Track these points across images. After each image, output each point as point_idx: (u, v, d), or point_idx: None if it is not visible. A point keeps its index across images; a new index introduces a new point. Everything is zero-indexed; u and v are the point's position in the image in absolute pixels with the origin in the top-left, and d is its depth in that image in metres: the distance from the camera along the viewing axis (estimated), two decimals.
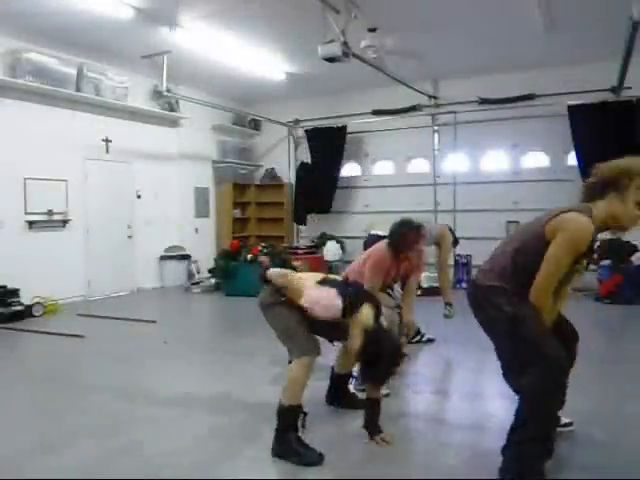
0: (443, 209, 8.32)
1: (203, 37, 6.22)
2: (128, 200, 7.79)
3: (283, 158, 9.79)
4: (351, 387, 3.29)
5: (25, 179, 6.35)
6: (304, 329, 2.65)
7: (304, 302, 2.60)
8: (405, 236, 3.56)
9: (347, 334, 2.58)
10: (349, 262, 4.98)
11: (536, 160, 7.89)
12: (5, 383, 3.78)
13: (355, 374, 3.24)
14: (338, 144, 8.83)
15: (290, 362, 2.66)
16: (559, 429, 2.50)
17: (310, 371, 2.59)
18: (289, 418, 2.56)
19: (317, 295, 2.59)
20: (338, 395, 3.16)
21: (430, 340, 4.68)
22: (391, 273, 3.69)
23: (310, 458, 2.47)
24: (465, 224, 7.95)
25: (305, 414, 2.65)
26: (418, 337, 4.59)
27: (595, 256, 2.23)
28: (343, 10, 5.09)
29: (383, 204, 8.57)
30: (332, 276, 2.89)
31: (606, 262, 6.65)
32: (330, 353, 3.13)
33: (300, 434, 2.57)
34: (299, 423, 2.60)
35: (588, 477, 2.32)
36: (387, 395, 3.69)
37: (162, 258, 8.29)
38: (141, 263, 7.94)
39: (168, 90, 7.47)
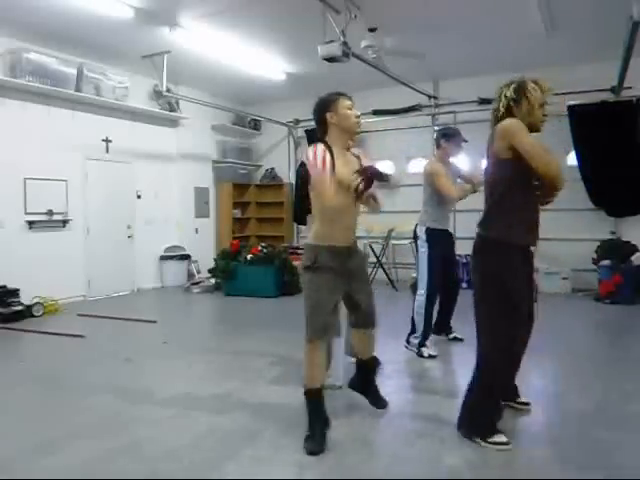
0: None
1: (203, 37, 6.21)
2: (128, 200, 7.79)
3: (283, 158, 9.79)
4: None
5: (25, 179, 6.35)
6: (329, 304, 2.67)
7: None
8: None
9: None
10: None
11: None
12: (5, 383, 3.78)
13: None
14: None
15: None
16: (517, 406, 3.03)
17: (322, 353, 2.68)
18: (308, 401, 2.69)
19: None
20: (362, 383, 3.08)
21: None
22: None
23: (309, 446, 2.58)
24: (465, 224, 7.92)
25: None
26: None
27: None
28: (343, 10, 5.08)
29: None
30: None
31: (606, 262, 6.65)
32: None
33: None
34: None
35: (589, 477, 2.32)
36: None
37: (162, 258, 8.30)
38: (141, 263, 7.94)
39: (168, 90, 7.47)
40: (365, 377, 3.07)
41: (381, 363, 3.96)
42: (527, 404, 3.05)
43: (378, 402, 3.09)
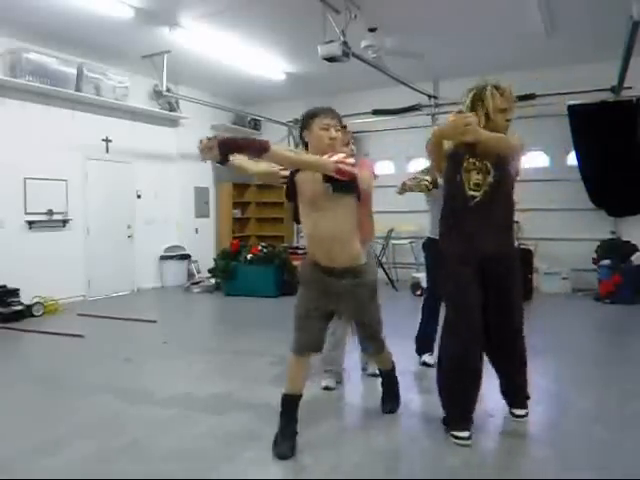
0: None
1: (203, 37, 6.21)
2: (128, 200, 7.79)
3: None
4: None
5: (25, 179, 6.35)
6: (312, 319, 2.60)
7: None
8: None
9: None
10: None
11: (536, 160, 7.88)
12: (5, 383, 3.78)
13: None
14: None
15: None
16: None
17: (300, 367, 2.64)
18: (283, 404, 2.63)
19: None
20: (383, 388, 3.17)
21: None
22: None
23: (276, 449, 2.54)
24: None
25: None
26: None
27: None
28: (343, 10, 5.08)
29: (383, 204, 8.45)
30: None
31: (606, 262, 6.65)
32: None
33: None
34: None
35: (588, 477, 2.32)
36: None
37: (162, 258, 8.30)
38: (141, 263, 7.94)
39: (168, 90, 7.48)
40: (382, 383, 3.19)
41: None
42: (522, 417, 2.88)
43: (384, 406, 3.11)
